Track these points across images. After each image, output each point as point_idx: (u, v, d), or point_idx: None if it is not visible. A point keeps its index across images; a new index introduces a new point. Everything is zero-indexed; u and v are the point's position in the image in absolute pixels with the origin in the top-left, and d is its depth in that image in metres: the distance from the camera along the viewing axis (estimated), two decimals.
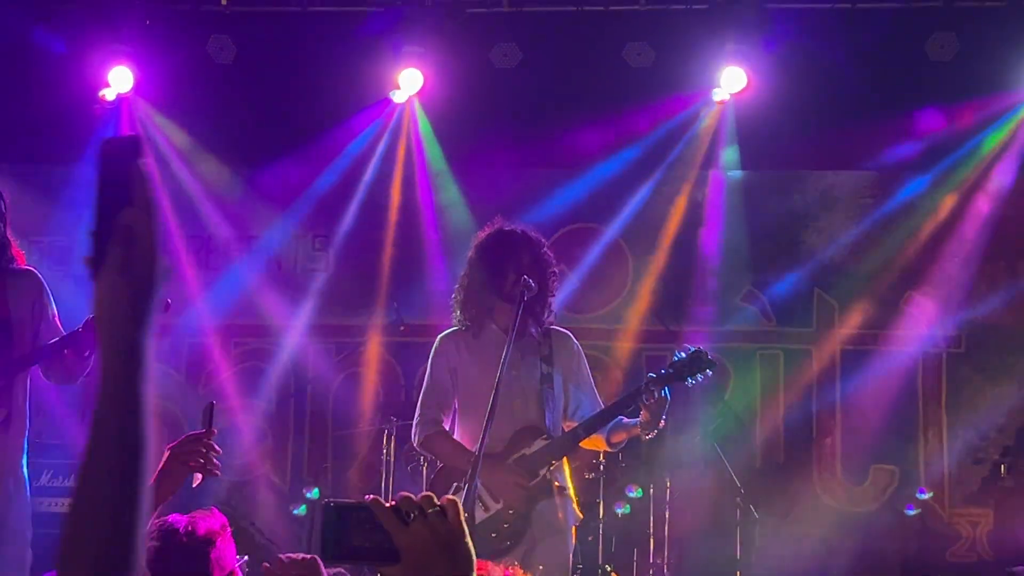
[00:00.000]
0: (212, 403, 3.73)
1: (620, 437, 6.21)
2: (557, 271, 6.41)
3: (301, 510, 10.25)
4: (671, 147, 10.45)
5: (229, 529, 3.79)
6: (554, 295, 6.35)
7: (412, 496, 2.07)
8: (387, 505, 2.05)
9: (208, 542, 3.68)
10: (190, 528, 3.67)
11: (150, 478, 1.72)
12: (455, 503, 2.09)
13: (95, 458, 1.69)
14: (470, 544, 2.09)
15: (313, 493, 10.25)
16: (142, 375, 1.71)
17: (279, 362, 10.76)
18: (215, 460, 3.65)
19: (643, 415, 6.01)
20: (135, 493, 1.69)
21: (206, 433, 3.63)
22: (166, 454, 3.65)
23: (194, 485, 3.78)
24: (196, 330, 10.70)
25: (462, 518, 2.09)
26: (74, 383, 6.58)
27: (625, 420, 6.13)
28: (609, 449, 6.47)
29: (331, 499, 2.07)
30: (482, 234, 6.39)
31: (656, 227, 10.56)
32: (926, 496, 10.22)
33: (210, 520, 3.74)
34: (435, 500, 2.08)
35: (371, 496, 2.05)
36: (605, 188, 10.52)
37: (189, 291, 10.41)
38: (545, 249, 6.31)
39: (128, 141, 1.76)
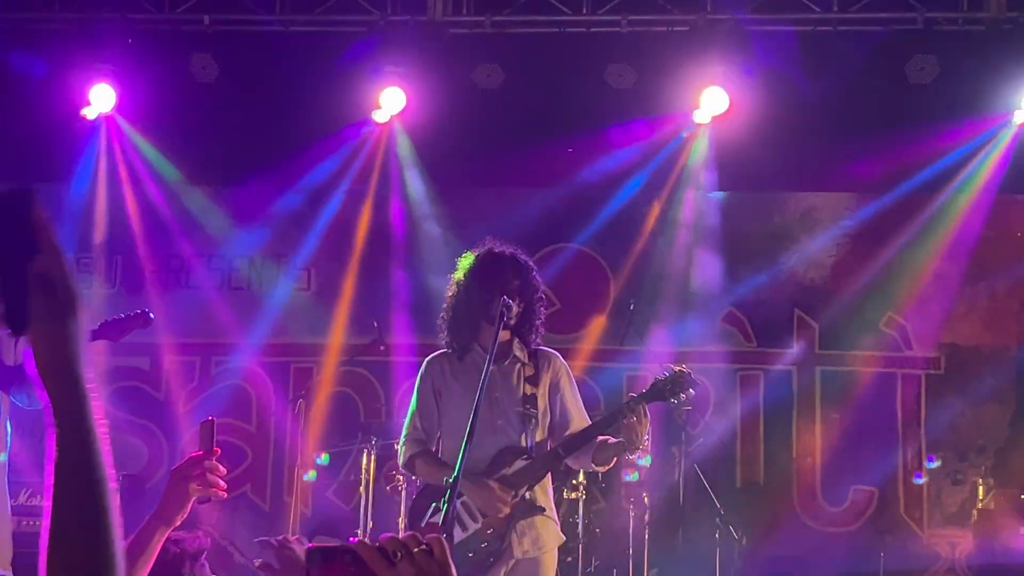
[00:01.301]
0: (211, 420, 3.51)
1: (606, 457, 6.11)
2: (544, 296, 6.36)
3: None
4: (653, 167, 10.47)
5: (206, 553, 3.76)
6: (541, 319, 6.29)
7: (397, 536, 2.07)
8: (373, 546, 2.04)
9: (179, 562, 3.65)
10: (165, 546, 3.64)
11: (114, 494, 1.77)
12: (440, 541, 2.09)
13: (64, 487, 1.75)
14: None
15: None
16: (90, 404, 1.78)
17: (262, 382, 10.75)
18: (219, 481, 3.45)
19: (624, 434, 5.98)
20: (103, 509, 1.75)
21: (207, 453, 3.45)
22: (170, 477, 3.53)
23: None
24: (175, 348, 10.69)
25: (448, 555, 2.09)
26: (37, 406, 6.54)
27: (612, 441, 6.04)
28: (597, 469, 6.42)
29: (315, 543, 2.05)
30: (471, 255, 6.31)
31: (637, 247, 10.58)
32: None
33: (188, 541, 3.72)
34: (420, 539, 2.08)
35: (356, 538, 2.04)
36: (587, 208, 10.54)
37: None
38: (534, 273, 6.25)
39: (16, 195, 1.78)
